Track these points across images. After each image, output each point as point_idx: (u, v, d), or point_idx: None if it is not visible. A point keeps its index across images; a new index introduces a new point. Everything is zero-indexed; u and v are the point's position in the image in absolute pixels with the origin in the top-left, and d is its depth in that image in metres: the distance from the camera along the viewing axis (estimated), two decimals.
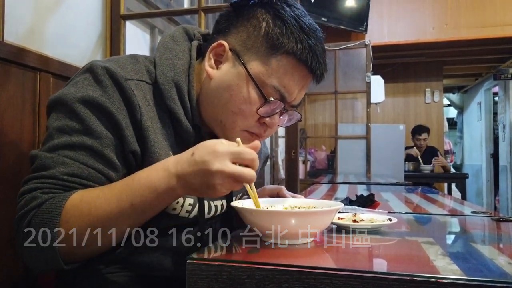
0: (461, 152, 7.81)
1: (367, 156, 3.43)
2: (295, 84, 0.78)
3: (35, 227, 0.63)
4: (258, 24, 0.77)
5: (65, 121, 0.69)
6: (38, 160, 0.68)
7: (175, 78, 0.77)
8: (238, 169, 0.59)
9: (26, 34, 1.14)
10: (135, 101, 0.72)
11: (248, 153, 0.60)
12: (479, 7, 4.40)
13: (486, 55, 5.19)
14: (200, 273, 0.53)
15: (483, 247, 0.66)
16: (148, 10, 1.84)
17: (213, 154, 0.59)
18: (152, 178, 0.64)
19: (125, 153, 0.72)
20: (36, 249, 0.63)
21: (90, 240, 0.64)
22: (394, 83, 5.45)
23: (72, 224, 0.63)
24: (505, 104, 6.07)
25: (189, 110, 0.79)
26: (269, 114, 0.78)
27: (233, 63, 0.78)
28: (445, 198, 1.63)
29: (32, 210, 0.64)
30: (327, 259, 0.60)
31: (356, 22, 4.17)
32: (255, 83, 0.76)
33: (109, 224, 0.64)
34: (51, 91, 1.16)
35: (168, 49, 0.81)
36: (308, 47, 0.76)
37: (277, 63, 0.76)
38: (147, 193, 0.63)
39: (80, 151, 0.68)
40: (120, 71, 0.73)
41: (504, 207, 6.04)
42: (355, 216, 0.81)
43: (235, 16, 0.80)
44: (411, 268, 0.51)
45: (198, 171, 0.60)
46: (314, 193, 1.76)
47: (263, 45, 0.76)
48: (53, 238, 0.62)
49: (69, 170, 0.67)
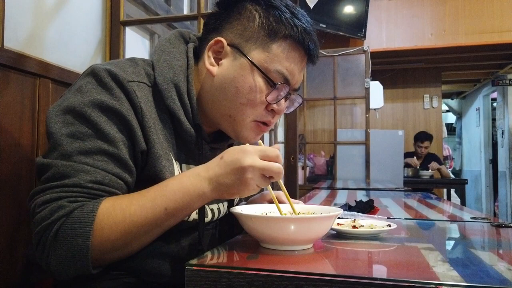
0: (460, 157, 7.82)
1: (366, 162, 3.43)
2: (296, 65, 0.81)
3: (65, 236, 0.62)
4: (252, 16, 0.80)
5: (75, 127, 0.68)
6: (54, 169, 0.66)
7: (174, 79, 0.78)
8: (267, 163, 0.66)
9: (26, 40, 1.14)
10: (137, 103, 0.72)
11: (272, 150, 0.68)
12: (477, 14, 4.42)
13: (484, 61, 5.21)
14: (199, 280, 0.53)
15: (483, 253, 0.66)
16: (148, 16, 1.84)
17: (242, 153, 0.66)
18: (185, 183, 0.68)
19: (135, 154, 0.73)
20: (67, 257, 0.62)
21: (124, 246, 0.66)
22: (392, 88, 5.47)
23: (107, 231, 0.64)
24: (503, 110, 6.09)
25: (189, 110, 0.79)
26: (277, 100, 0.81)
27: (234, 57, 0.80)
28: (445, 204, 1.63)
29: (60, 219, 0.63)
30: (327, 265, 0.60)
31: (355, 28, 4.19)
32: (260, 70, 0.78)
33: (144, 230, 0.66)
34: (51, 96, 1.17)
35: (165, 51, 0.82)
36: (303, 29, 0.80)
37: (277, 48, 0.78)
38: (180, 197, 0.67)
39: (97, 156, 0.68)
40: (121, 73, 0.73)
41: (503, 213, 6.03)
42: (354, 222, 0.81)
43: (225, 13, 0.83)
44: (411, 274, 0.51)
45: (230, 170, 0.66)
46: (313, 198, 1.76)
47: (261, 33, 0.79)
48: (86, 246, 0.62)
49: (93, 177, 0.66)
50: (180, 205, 0.67)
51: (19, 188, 1.04)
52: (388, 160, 3.54)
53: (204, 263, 0.56)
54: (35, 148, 1.11)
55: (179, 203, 0.67)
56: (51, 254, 0.63)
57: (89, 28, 1.45)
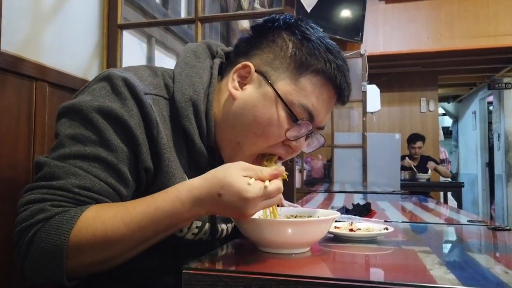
0: (457, 161, 7.85)
1: (363, 165, 3.43)
2: (323, 103, 0.77)
3: (40, 242, 0.59)
4: (285, 45, 0.76)
5: (79, 129, 0.66)
6: (46, 168, 0.64)
7: (193, 97, 0.75)
8: (269, 203, 0.62)
9: (23, 43, 1.14)
10: (153, 117, 0.69)
11: (275, 190, 0.61)
12: (472, 18, 4.46)
13: (480, 64, 5.25)
14: (196, 283, 0.53)
15: (480, 256, 0.66)
16: (145, 19, 1.85)
17: (244, 202, 0.59)
18: (179, 210, 0.62)
19: (138, 170, 0.69)
20: (40, 264, 0.59)
21: (101, 260, 0.62)
22: (389, 92, 5.49)
23: (84, 243, 0.60)
24: (499, 114, 6.12)
25: (205, 131, 0.77)
26: (297, 137, 0.76)
27: (259, 84, 0.76)
28: (441, 207, 1.63)
29: (38, 223, 0.60)
30: (324, 268, 0.59)
31: (352, 32, 4.21)
32: (284, 102, 0.73)
33: (128, 247, 0.63)
34: (47, 100, 1.16)
35: (189, 65, 0.79)
36: (336, 66, 0.76)
37: (306, 82, 0.74)
38: (173, 222, 0.63)
39: (94, 163, 0.65)
40: (139, 83, 0.70)
41: (500, 216, 6.05)
42: (351, 225, 0.81)
43: (257, 38, 0.79)
44: (408, 278, 0.51)
45: (230, 210, 0.61)
46: (310, 202, 1.76)
47: (291, 65, 0.75)
48: (60, 256, 0.58)
49: (81, 182, 0.63)
50: (171, 228, 0.65)
51: (15, 192, 1.03)
52: (385, 163, 3.55)
53: (201, 267, 0.55)
54: (31, 152, 1.11)
55: (171, 227, 0.64)
56: (25, 259, 0.60)
57: (87, 31, 1.45)
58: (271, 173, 0.61)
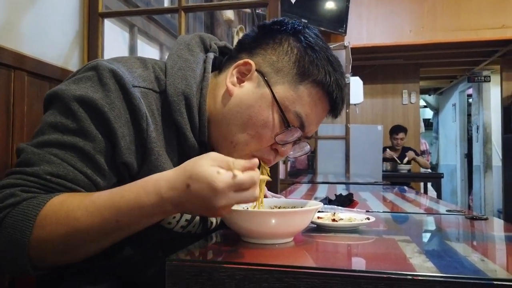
0: (437, 152, 8.01)
1: (346, 156, 3.47)
2: (316, 115, 0.77)
3: (7, 227, 0.58)
4: (290, 50, 0.76)
5: (59, 117, 0.66)
6: (23, 155, 0.64)
7: (185, 91, 0.74)
8: (242, 197, 0.56)
9: (0, 31, 1.11)
10: (142, 110, 0.68)
11: (248, 182, 0.56)
12: (454, 11, 4.52)
13: (460, 58, 5.34)
14: (179, 274, 0.53)
15: (458, 245, 0.68)
16: (127, 8, 1.81)
17: (213, 192, 0.54)
18: (143, 201, 0.58)
19: (116, 163, 0.68)
20: (6, 250, 0.58)
21: (64, 249, 0.61)
22: (372, 84, 5.54)
23: (47, 230, 0.58)
24: (478, 106, 6.26)
25: (197, 126, 0.75)
26: (285, 142, 0.76)
27: (257, 84, 0.76)
28: (421, 197, 1.67)
29: (7, 208, 0.59)
30: (307, 258, 0.60)
31: (336, 24, 4.21)
32: (280, 107, 0.74)
33: (90, 238, 0.60)
34: (26, 89, 1.13)
35: (181, 58, 0.78)
36: (335, 80, 0.76)
37: (305, 91, 0.75)
38: (136, 214, 0.59)
39: (70, 151, 0.64)
40: (127, 75, 0.69)
41: (477, 206, 6.22)
42: (334, 215, 0.82)
43: (263, 38, 0.79)
44: (388, 266, 0.52)
45: (199, 205, 0.57)
46: (294, 193, 1.78)
47: (293, 71, 0.75)
48: (23, 242, 0.57)
49: (54, 170, 0.62)
50: (135, 221, 0.60)
51: None
52: (367, 154, 3.60)
53: (184, 258, 0.55)
54: (10, 143, 1.08)
55: (134, 219, 0.60)
56: None
57: (67, 19, 1.42)
58: (244, 165, 0.56)
